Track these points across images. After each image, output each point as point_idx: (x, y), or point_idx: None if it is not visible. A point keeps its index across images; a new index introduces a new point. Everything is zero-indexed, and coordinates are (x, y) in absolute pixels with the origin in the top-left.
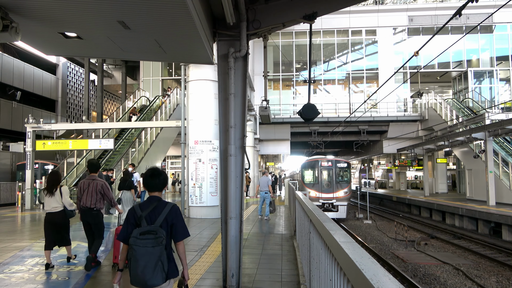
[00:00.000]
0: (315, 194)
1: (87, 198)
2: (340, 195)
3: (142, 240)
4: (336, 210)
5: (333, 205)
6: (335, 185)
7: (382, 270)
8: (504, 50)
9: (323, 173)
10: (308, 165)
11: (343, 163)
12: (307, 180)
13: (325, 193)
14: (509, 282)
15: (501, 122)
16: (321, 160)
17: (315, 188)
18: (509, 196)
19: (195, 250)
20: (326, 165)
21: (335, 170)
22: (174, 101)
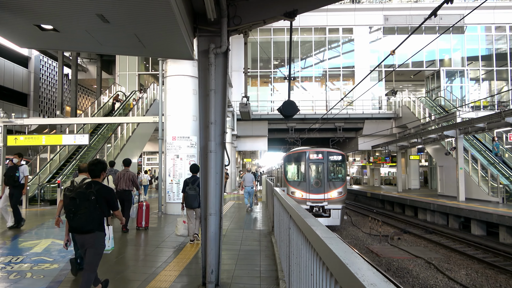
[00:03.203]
0: (301, 194)
1: (123, 183)
2: (333, 196)
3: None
4: (328, 215)
5: (324, 208)
6: (326, 184)
7: (366, 264)
8: (474, 50)
9: (312, 169)
10: (293, 158)
11: (337, 155)
12: (291, 177)
13: (314, 193)
14: (477, 275)
15: (471, 121)
16: (309, 151)
17: (302, 188)
18: (478, 192)
19: (173, 247)
20: (315, 158)
21: (327, 165)
22: (151, 97)
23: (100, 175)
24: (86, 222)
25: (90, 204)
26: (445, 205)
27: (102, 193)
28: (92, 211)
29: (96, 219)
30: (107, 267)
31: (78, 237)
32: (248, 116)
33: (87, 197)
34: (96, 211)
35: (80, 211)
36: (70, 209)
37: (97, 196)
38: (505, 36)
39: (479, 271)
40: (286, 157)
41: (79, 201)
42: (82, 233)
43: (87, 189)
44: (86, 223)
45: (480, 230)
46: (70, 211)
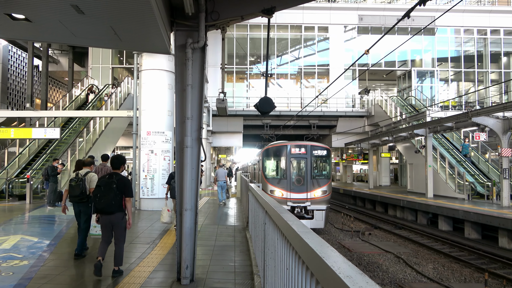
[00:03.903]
0: (281, 193)
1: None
2: (316, 196)
3: None
4: (311, 217)
5: (307, 209)
6: (309, 182)
7: (342, 257)
8: (444, 52)
9: (293, 164)
10: (272, 153)
11: (322, 150)
12: (270, 174)
13: (295, 192)
14: (444, 268)
15: (440, 120)
16: (291, 145)
17: (282, 186)
18: (445, 188)
19: (147, 243)
20: (297, 153)
21: (310, 160)
22: (125, 90)
23: (120, 167)
24: (109, 205)
25: (112, 191)
26: (414, 201)
27: (121, 182)
28: (113, 197)
29: (116, 203)
30: (81, 265)
31: (102, 217)
32: (224, 112)
33: (109, 185)
34: (117, 196)
35: (104, 197)
36: (96, 194)
37: (117, 184)
38: (473, 39)
39: (445, 265)
40: (264, 152)
41: (103, 189)
42: (105, 214)
43: (110, 179)
44: (109, 206)
45: (446, 226)
46: (96, 196)
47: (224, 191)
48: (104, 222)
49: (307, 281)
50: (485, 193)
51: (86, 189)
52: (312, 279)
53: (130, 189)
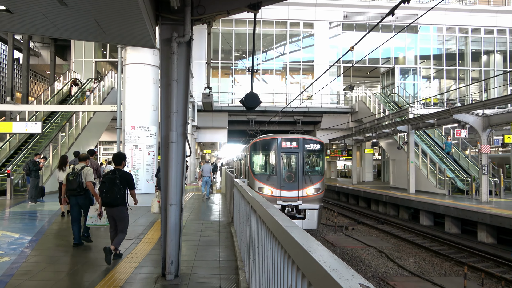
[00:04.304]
0: (271, 191)
1: None
2: (309, 194)
3: None
4: (303, 217)
5: (299, 208)
6: (301, 178)
7: (328, 251)
8: (426, 49)
9: (284, 160)
10: (261, 147)
11: (315, 144)
12: (258, 170)
13: (286, 190)
14: (425, 262)
15: (422, 117)
16: (281, 138)
17: (271, 183)
18: (426, 184)
19: (131, 238)
20: (288, 147)
21: (302, 155)
22: (108, 85)
23: (121, 163)
24: (114, 199)
25: (116, 186)
26: (396, 196)
27: (124, 177)
28: (118, 191)
29: (121, 196)
30: (64, 260)
31: (107, 209)
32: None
33: (113, 181)
34: (120, 190)
35: (110, 191)
36: (102, 190)
37: (120, 179)
38: (454, 37)
39: (426, 259)
40: (252, 145)
41: (108, 184)
42: (111, 206)
43: (113, 175)
44: (114, 199)
45: (428, 221)
46: (102, 191)
47: (208, 186)
48: (108, 215)
49: (293, 275)
50: (465, 189)
51: (82, 182)
52: (298, 273)
53: (132, 183)
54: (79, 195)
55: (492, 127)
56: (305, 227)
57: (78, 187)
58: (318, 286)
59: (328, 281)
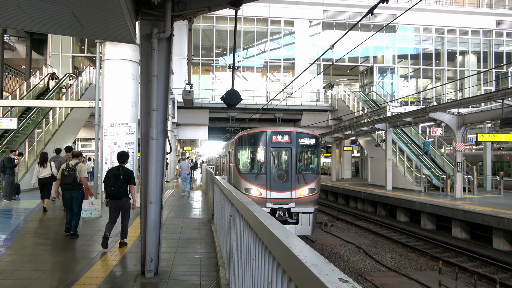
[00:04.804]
0: (259, 192)
1: None
2: (302, 195)
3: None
4: (296, 221)
5: (291, 212)
6: (294, 178)
7: (308, 247)
8: (404, 49)
9: (274, 156)
10: (248, 141)
11: (310, 138)
12: (245, 168)
13: (277, 190)
14: (401, 258)
15: (399, 115)
16: (271, 131)
17: (260, 183)
18: (403, 181)
19: (110, 236)
20: (280, 141)
21: (295, 151)
22: (86, 80)
23: (124, 161)
24: (117, 192)
25: (119, 181)
26: (374, 193)
27: (126, 173)
28: (121, 185)
29: (123, 190)
30: (41, 259)
31: (112, 201)
32: (191, 104)
33: (117, 176)
34: (123, 185)
35: (113, 185)
36: (106, 184)
37: (123, 175)
38: (431, 38)
39: (402, 254)
40: (238, 140)
41: (112, 179)
42: (115, 199)
43: (117, 171)
44: (117, 193)
45: (404, 217)
46: (107, 185)
47: (187, 183)
48: (113, 206)
49: (273, 270)
50: (440, 186)
51: (77, 177)
52: (279, 269)
53: (133, 179)
54: (73, 189)
55: (467, 125)
56: (298, 233)
57: (73, 182)
58: (299, 281)
59: (308, 276)
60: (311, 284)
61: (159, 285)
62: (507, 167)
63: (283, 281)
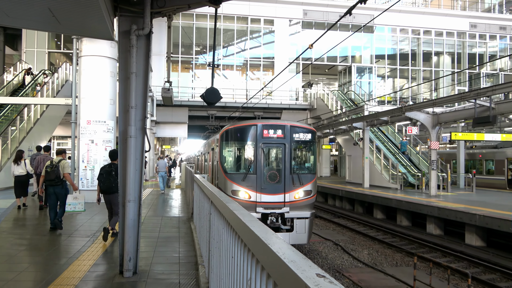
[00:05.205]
0: (248, 195)
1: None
2: (297, 198)
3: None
4: (290, 228)
5: (284, 217)
6: (288, 178)
7: (286, 244)
8: (381, 49)
9: (266, 153)
10: (235, 136)
11: (306, 133)
12: (232, 168)
13: (268, 193)
14: (378, 254)
15: (377, 114)
16: (262, 125)
17: (249, 184)
18: (380, 179)
19: (87, 236)
20: (272, 137)
21: (289, 147)
22: (63, 77)
23: (116, 159)
24: (109, 187)
25: (111, 177)
26: (352, 191)
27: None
28: (112, 181)
29: (115, 185)
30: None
31: (105, 196)
32: (170, 102)
33: (109, 173)
34: (115, 181)
35: (106, 181)
36: (100, 180)
37: (115, 172)
38: (407, 38)
39: (379, 250)
40: (224, 135)
41: (105, 175)
42: (107, 193)
43: (109, 167)
44: (109, 188)
45: (381, 214)
46: (100, 181)
47: (164, 181)
48: (105, 200)
49: (252, 267)
50: (416, 183)
51: (60, 174)
52: (258, 266)
53: None
54: (56, 185)
55: (441, 124)
56: (293, 241)
57: (56, 178)
58: (277, 277)
59: (286, 272)
60: (289, 280)
61: (138, 285)
62: (479, 165)
63: (261, 277)
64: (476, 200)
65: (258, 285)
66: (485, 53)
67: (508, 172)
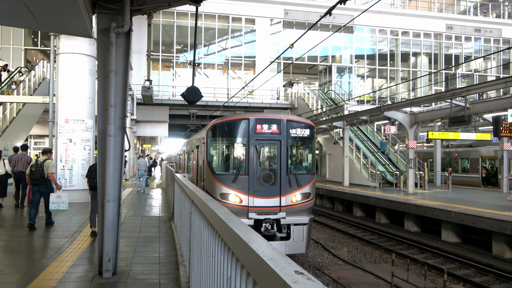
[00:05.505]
0: (239, 199)
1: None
2: (295, 202)
3: None
4: (286, 236)
5: (280, 224)
6: (284, 180)
7: (266, 242)
8: (361, 49)
9: (259, 151)
10: (225, 132)
11: (303, 128)
12: (220, 168)
13: (262, 196)
14: (357, 251)
15: (356, 113)
16: (256, 119)
17: (240, 186)
18: (360, 177)
19: (65, 237)
20: (266, 132)
21: (286, 144)
22: (40, 74)
23: None
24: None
25: None
26: (332, 189)
27: None
28: None
29: None
30: None
31: (94, 193)
32: (150, 100)
33: None
34: None
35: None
36: (89, 177)
37: None
38: (386, 39)
39: (358, 248)
40: (212, 130)
41: (94, 173)
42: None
43: None
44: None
45: (360, 212)
46: (90, 178)
47: (144, 180)
48: (93, 196)
49: (232, 266)
50: (394, 181)
51: (44, 173)
52: (238, 264)
53: None
54: (41, 184)
55: (418, 124)
56: (290, 251)
57: (40, 177)
58: (256, 275)
59: (265, 270)
60: (268, 277)
61: (117, 285)
62: (455, 164)
63: (241, 276)
64: (452, 198)
65: (238, 283)
66: (460, 54)
67: (482, 170)
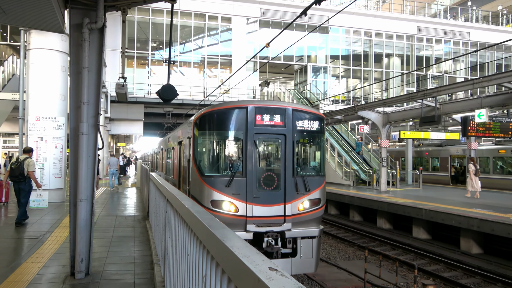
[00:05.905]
0: (234, 207)
1: None
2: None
3: None
4: (292, 252)
5: (285, 237)
6: (290, 183)
7: (241, 239)
8: (336, 50)
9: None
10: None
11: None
12: (210, 169)
13: (263, 204)
14: (331, 249)
15: (331, 113)
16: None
17: (236, 191)
18: (334, 176)
19: (36, 237)
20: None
21: (291, 139)
22: (9, 70)
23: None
24: None
25: None
26: None
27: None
28: None
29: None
30: None
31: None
32: (124, 98)
33: None
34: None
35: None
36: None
37: None
38: (360, 40)
39: (332, 245)
40: (200, 121)
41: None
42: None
43: None
44: None
45: (335, 210)
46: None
47: (116, 178)
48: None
49: (207, 264)
50: (367, 180)
51: (24, 171)
52: (213, 262)
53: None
54: (20, 182)
55: (391, 123)
56: (297, 270)
57: (20, 175)
58: (231, 272)
59: (240, 267)
60: (243, 274)
61: (90, 286)
62: (426, 162)
63: (216, 273)
64: (422, 196)
65: (213, 281)
66: (431, 56)
67: (451, 169)
